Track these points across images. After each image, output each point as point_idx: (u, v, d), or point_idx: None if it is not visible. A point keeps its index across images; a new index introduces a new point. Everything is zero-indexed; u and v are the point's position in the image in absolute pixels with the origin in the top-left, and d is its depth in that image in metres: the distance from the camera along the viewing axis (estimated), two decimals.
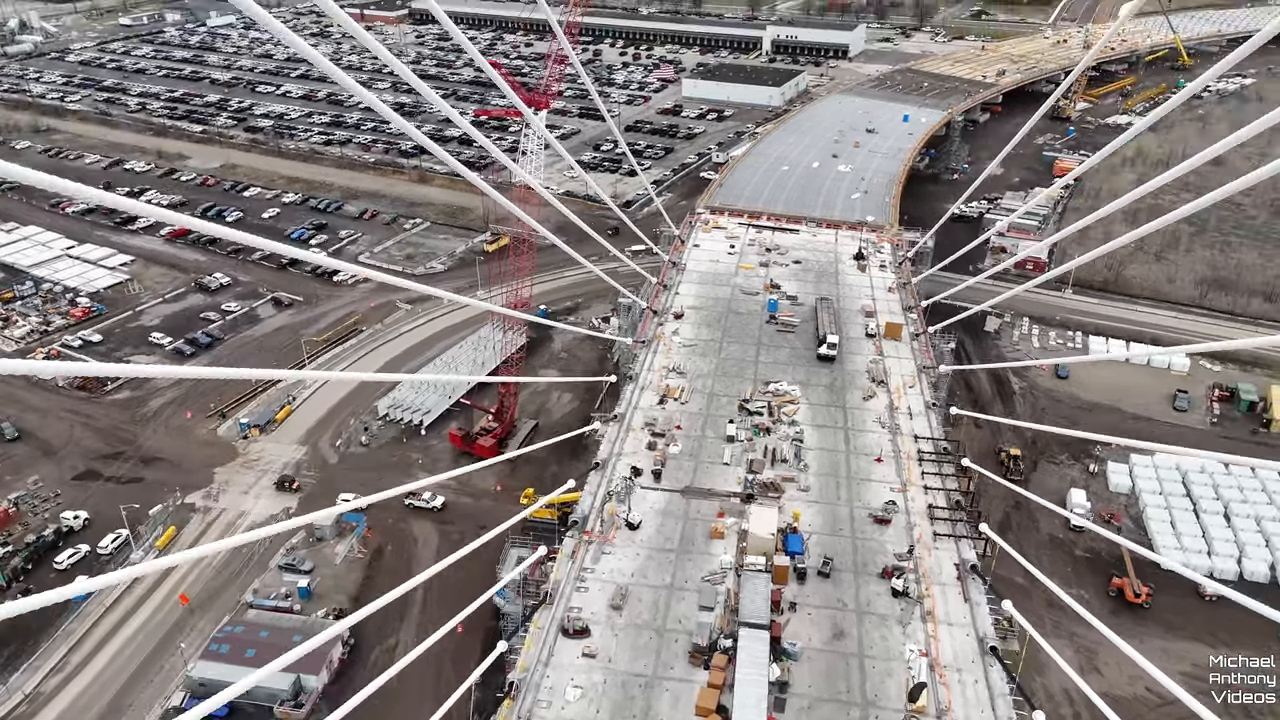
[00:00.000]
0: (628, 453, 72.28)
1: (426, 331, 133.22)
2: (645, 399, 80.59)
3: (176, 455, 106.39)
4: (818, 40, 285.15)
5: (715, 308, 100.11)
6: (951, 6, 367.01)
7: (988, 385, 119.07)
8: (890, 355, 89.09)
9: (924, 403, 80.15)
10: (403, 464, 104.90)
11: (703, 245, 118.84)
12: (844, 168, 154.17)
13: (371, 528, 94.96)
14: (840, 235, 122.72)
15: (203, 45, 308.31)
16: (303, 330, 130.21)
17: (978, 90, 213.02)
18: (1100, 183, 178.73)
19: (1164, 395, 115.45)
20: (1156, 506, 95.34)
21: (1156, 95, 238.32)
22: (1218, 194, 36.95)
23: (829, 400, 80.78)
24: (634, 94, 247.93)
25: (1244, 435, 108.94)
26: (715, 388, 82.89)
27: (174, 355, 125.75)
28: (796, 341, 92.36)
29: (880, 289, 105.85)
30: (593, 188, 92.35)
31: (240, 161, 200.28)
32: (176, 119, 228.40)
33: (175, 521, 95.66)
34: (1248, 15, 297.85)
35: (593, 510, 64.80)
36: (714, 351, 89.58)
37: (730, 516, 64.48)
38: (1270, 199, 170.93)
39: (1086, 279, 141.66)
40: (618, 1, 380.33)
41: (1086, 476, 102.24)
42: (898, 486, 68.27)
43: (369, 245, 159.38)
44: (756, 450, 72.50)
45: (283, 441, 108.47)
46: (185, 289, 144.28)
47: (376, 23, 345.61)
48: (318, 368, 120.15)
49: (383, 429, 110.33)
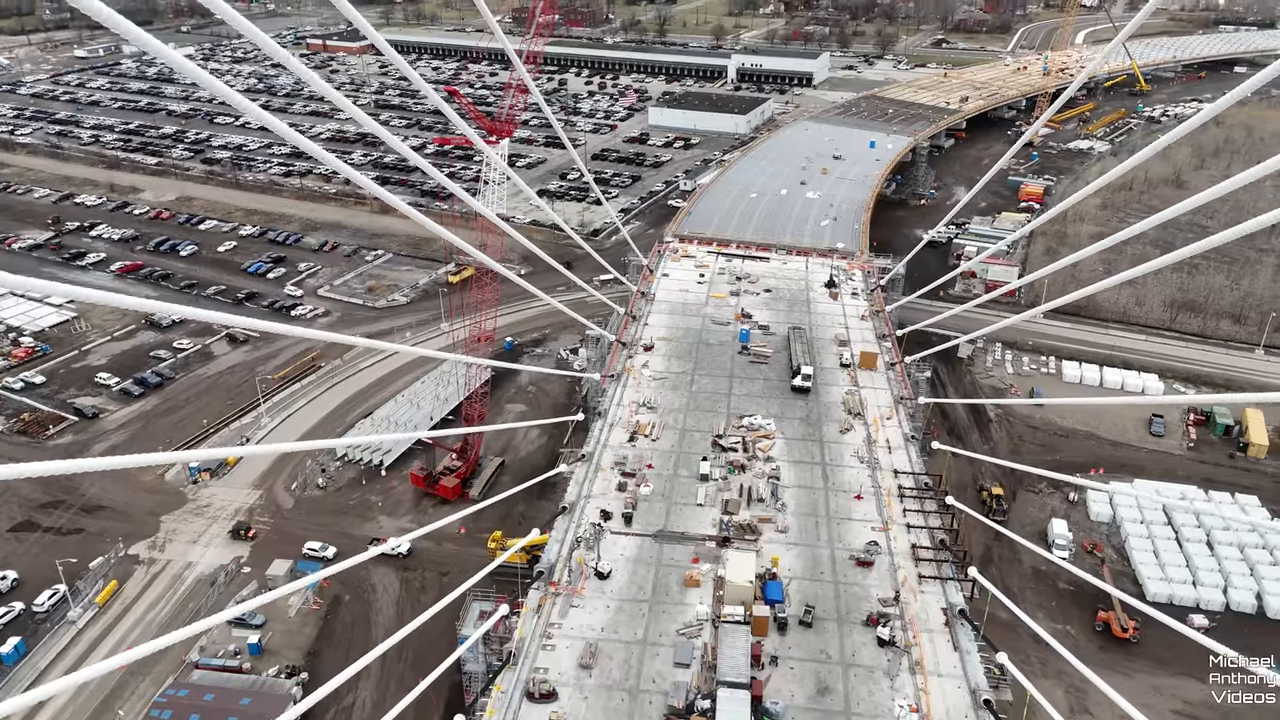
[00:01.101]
0: (597, 494, 68.62)
1: (389, 366, 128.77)
2: (615, 436, 77.09)
3: (121, 503, 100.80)
4: (782, 69, 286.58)
5: (686, 339, 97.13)
6: (913, 35, 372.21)
7: (964, 412, 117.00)
8: (866, 386, 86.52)
9: (902, 435, 77.47)
10: (362, 507, 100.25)
11: (672, 274, 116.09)
12: (813, 194, 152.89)
13: (328, 576, 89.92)
14: (811, 262, 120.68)
15: (160, 76, 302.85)
16: (258, 368, 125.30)
17: (942, 116, 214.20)
18: (1066, 207, 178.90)
19: (1140, 420, 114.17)
20: (1139, 536, 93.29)
21: (1116, 120, 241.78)
22: (1214, 239, 34.15)
23: (805, 434, 77.82)
24: (600, 123, 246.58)
25: (1222, 459, 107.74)
26: (688, 423, 79.62)
27: (121, 397, 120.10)
28: (770, 373, 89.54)
29: (853, 317, 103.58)
30: (552, 216, 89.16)
31: (196, 194, 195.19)
32: (131, 151, 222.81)
33: (117, 575, 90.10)
34: (1202, 42, 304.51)
35: (560, 559, 60.96)
36: (685, 385, 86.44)
37: (705, 562, 60.98)
38: (1233, 220, 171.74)
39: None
40: (583, 32, 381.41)
41: (1066, 506, 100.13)
42: (879, 525, 65.25)
43: (329, 278, 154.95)
44: (732, 489, 69.20)
45: (234, 486, 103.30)
46: (135, 326, 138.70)
47: (340, 53, 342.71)
48: (272, 407, 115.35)
49: (341, 470, 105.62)
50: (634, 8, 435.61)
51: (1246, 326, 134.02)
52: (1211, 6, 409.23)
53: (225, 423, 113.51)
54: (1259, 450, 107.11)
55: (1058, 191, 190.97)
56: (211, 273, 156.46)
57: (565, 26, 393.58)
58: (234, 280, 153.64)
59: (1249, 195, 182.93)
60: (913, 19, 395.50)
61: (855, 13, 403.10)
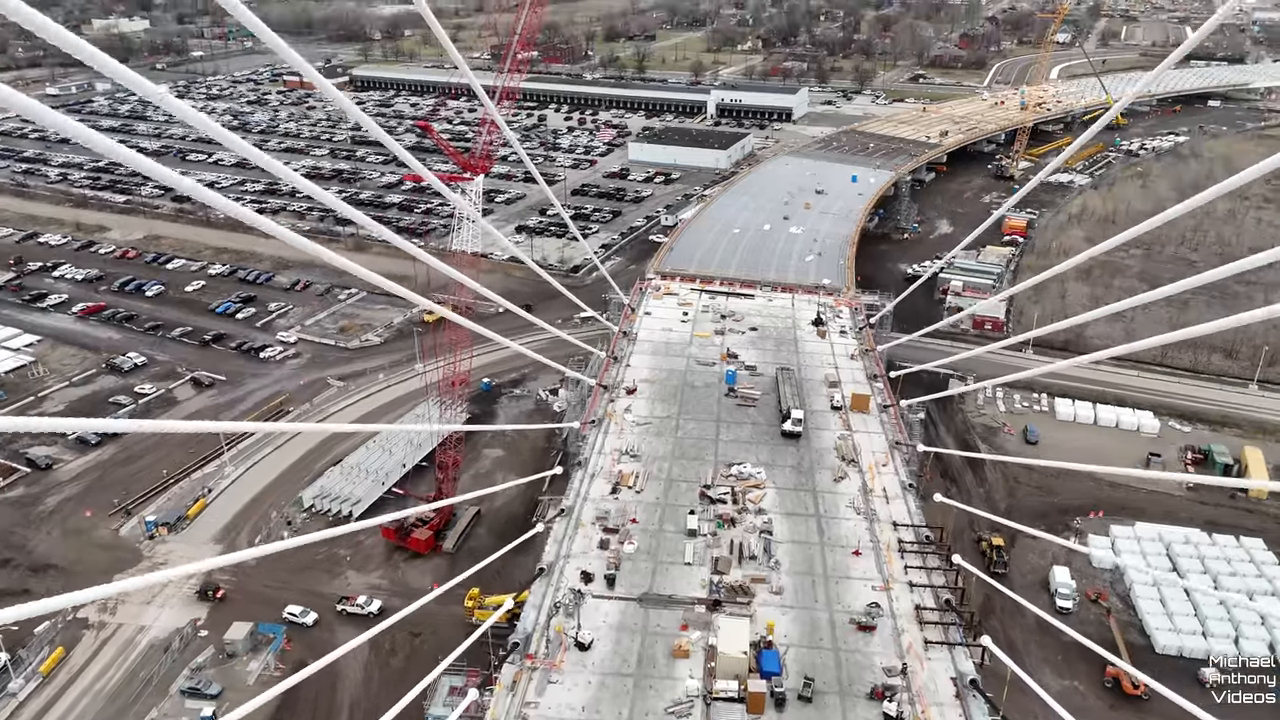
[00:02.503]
0: (577, 553, 64.01)
1: (360, 410, 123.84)
2: (596, 488, 72.66)
3: (71, 561, 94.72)
4: (762, 104, 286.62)
5: (670, 380, 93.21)
6: (890, 71, 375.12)
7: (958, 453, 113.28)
8: (859, 430, 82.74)
9: (899, 483, 73.55)
10: (329, 562, 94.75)
11: (654, 313, 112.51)
12: (796, 229, 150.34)
13: (291, 639, 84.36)
14: (797, 299, 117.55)
15: (133, 114, 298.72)
16: (223, 413, 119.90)
17: (922, 150, 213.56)
18: (1050, 240, 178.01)
19: (1137, 459, 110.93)
20: (1144, 584, 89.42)
21: (1094, 154, 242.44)
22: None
23: (797, 483, 73.73)
24: (580, 158, 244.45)
25: (1223, 500, 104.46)
26: (674, 472, 75.36)
27: (77, 446, 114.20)
28: (758, 416, 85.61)
29: (842, 356, 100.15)
30: (513, 250, 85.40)
31: (165, 232, 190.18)
32: (99, 189, 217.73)
33: (64, 641, 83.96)
34: (1174, 76, 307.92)
35: (537, 629, 56.16)
36: (671, 430, 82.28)
37: (695, 629, 56.40)
38: (1217, 253, 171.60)
39: (1046, 339, 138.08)
40: (563, 68, 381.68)
41: (1067, 552, 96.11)
42: (880, 584, 61.00)
43: (300, 318, 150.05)
44: (722, 545, 64.84)
45: (194, 541, 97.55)
46: (95, 370, 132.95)
47: (317, 90, 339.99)
48: (236, 455, 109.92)
49: (308, 522, 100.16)
50: (613, 44, 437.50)
51: (1239, 361, 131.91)
52: (1181, 42, 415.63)
53: (186, 473, 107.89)
54: (1260, 491, 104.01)
55: (1040, 224, 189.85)
56: (178, 313, 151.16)
57: (544, 63, 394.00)
58: (201, 321, 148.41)
59: (1231, 229, 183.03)
60: (889, 55, 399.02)
61: (832, 49, 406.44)
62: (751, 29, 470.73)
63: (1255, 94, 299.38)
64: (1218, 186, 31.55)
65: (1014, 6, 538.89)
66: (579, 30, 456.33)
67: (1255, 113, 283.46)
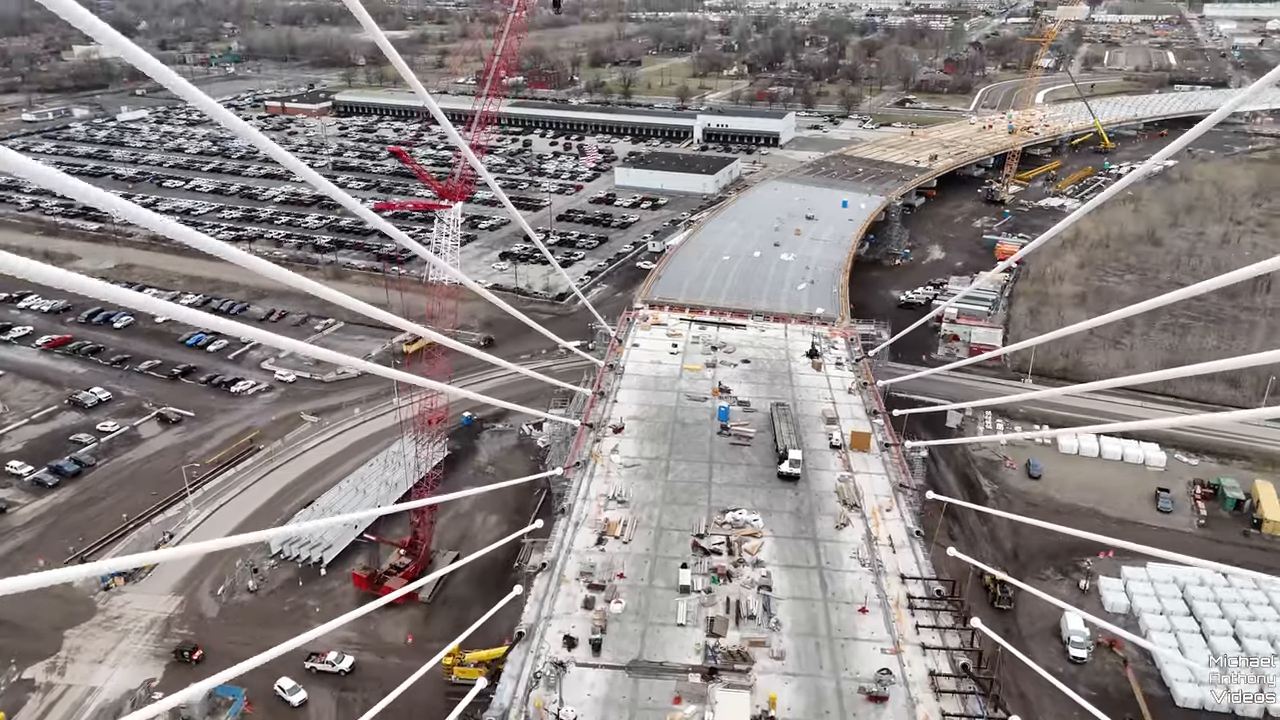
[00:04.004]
0: (559, 614, 58.76)
1: (335, 447, 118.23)
2: (580, 538, 67.56)
3: (19, 615, 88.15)
4: (749, 128, 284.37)
5: (660, 418, 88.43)
6: (876, 95, 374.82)
7: (958, 489, 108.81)
8: (860, 470, 78.09)
9: (905, 530, 68.77)
10: (297, 614, 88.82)
11: (642, 344, 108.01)
12: (787, 256, 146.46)
13: (253, 700, 78.35)
14: (790, 329, 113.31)
15: (110, 140, 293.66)
16: (190, 451, 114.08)
17: (912, 175, 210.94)
18: (1045, 265, 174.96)
19: (1145, 494, 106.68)
20: (1160, 630, 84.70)
21: (1084, 178, 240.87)
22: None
23: (797, 531, 68.84)
24: (565, 183, 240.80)
25: (1236, 538, 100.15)
26: (664, 519, 70.38)
27: (34, 488, 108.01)
28: (753, 456, 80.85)
29: (839, 390, 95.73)
30: (476, 289, 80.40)
31: (137, 261, 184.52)
32: (71, 217, 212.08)
33: (6, 705, 77.64)
34: (1161, 100, 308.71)
35: (514, 702, 50.81)
36: (660, 473, 77.37)
37: (690, 702, 51.22)
38: (1214, 275, 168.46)
39: (1045, 368, 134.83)
40: (548, 93, 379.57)
41: (1078, 594, 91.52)
42: (890, 647, 56.01)
43: (273, 350, 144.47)
44: (717, 604, 59.75)
45: (153, 591, 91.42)
46: (57, 407, 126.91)
47: (299, 115, 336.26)
48: (201, 497, 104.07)
49: (275, 570, 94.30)
50: (599, 70, 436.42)
51: (1242, 390, 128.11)
52: (1165, 67, 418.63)
53: (147, 517, 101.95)
54: (1274, 527, 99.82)
55: (1033, 249, 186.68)
56: (146, 346, 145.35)
57: (530, 88, 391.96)
58: (171, 354, 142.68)
59: (1226, 253, 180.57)
60: (875, 79, 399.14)
61: (818, 74, 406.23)
62: (737, 54, 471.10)
63: (1241, 117, 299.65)
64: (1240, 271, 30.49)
65: (996, 32, 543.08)
66: (564, 56, 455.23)
67: (1242, 136, 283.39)
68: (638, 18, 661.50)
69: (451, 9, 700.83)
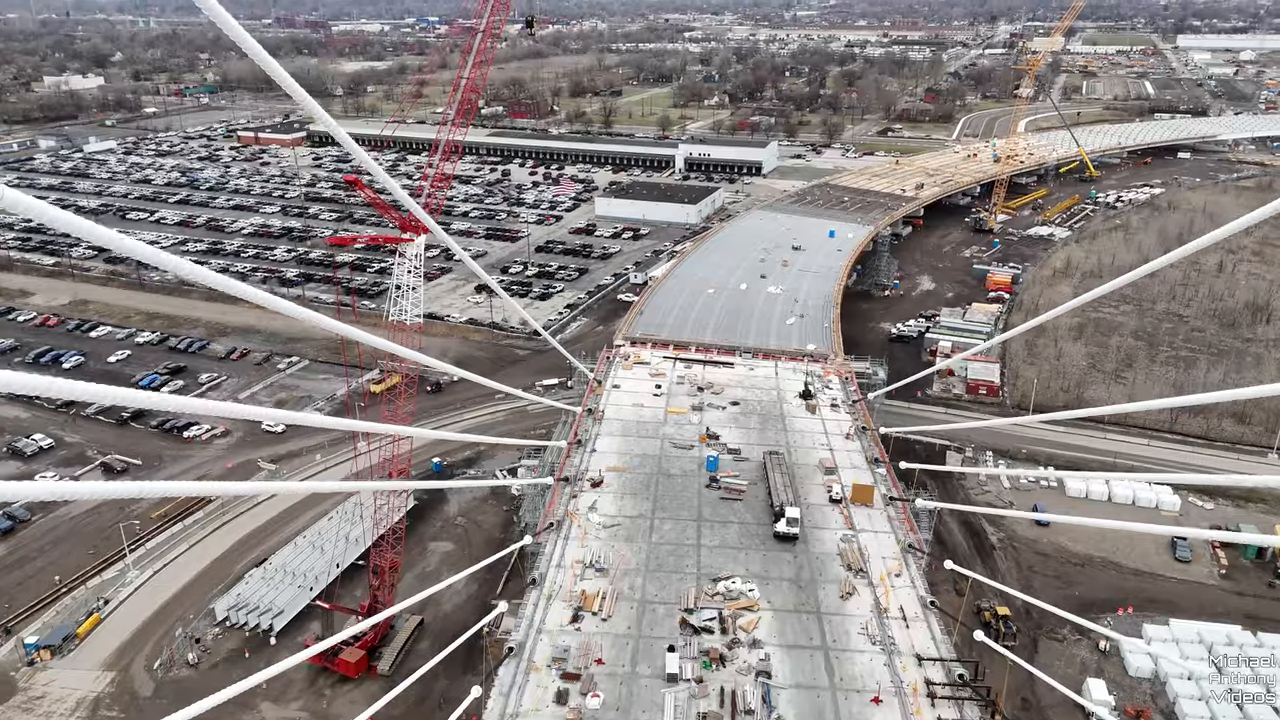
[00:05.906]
0: (527, 712, 50.81)
1: (288, 500, 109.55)
2: (553, 614, 59.71)
3: None
4: (731, 158, 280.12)
5: (643, 468, 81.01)
6: (858, 124, 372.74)
7: (963, 538, 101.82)
8: (864, 528, 70.86)
9: (919, 600, 61.44)
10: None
11: (623, 385, 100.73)
12: (774, 289, 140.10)
13: None
14: (781, 367, 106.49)
15: (75, 171, 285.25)
16: (131, 505, 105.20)
17: (898, 204, 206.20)
18: (1038, 295, 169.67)
19: (1161, 543, 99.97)
20: (1190, 698, 77.47)
21: (1071, 206, 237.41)
22: None
23: (797, 602, 61.36)
24: (544, 213, 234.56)
25: (1261, 590, 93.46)
26: (648, 590, 62.72)
27: None
28: (746, 513, 73.46)
29: (836, 435, 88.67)
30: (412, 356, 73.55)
31: (93, 296, 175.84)
32: (27, 251, 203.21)
33: None
34: (1143, 129, 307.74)
35: None
36: (644, 534, 69.79)
37: None
38: (1210, 308, 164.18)
39: (1047, 404, 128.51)
40: (528, 123, 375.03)
41: (1098, 657, 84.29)
42: None
43: (234, 390, 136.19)
44: (709, 695, 52.07)
45: (82, 666, 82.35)
46: None
47: (272, 145, 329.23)
48: (142, 556, 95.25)
49: (219, 639, 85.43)
50: (579, 100, 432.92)
51: (1252, 427, 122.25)
52: (1143, 96, 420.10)
53: (82, 579, 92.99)
54: None
55: (1025, 279, 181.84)
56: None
57: (510, 118, 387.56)
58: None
59: (1222, 282, 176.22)
60: (856, 109, 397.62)
61: (800, 103, 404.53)
62: (718, 85, 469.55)
63: (1223, 145, 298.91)
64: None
65: (974, 63, 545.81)
66: (545, 86, 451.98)
67: (1226, 164, 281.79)
68: (618, 49, 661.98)
69: (431, 40, 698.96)
